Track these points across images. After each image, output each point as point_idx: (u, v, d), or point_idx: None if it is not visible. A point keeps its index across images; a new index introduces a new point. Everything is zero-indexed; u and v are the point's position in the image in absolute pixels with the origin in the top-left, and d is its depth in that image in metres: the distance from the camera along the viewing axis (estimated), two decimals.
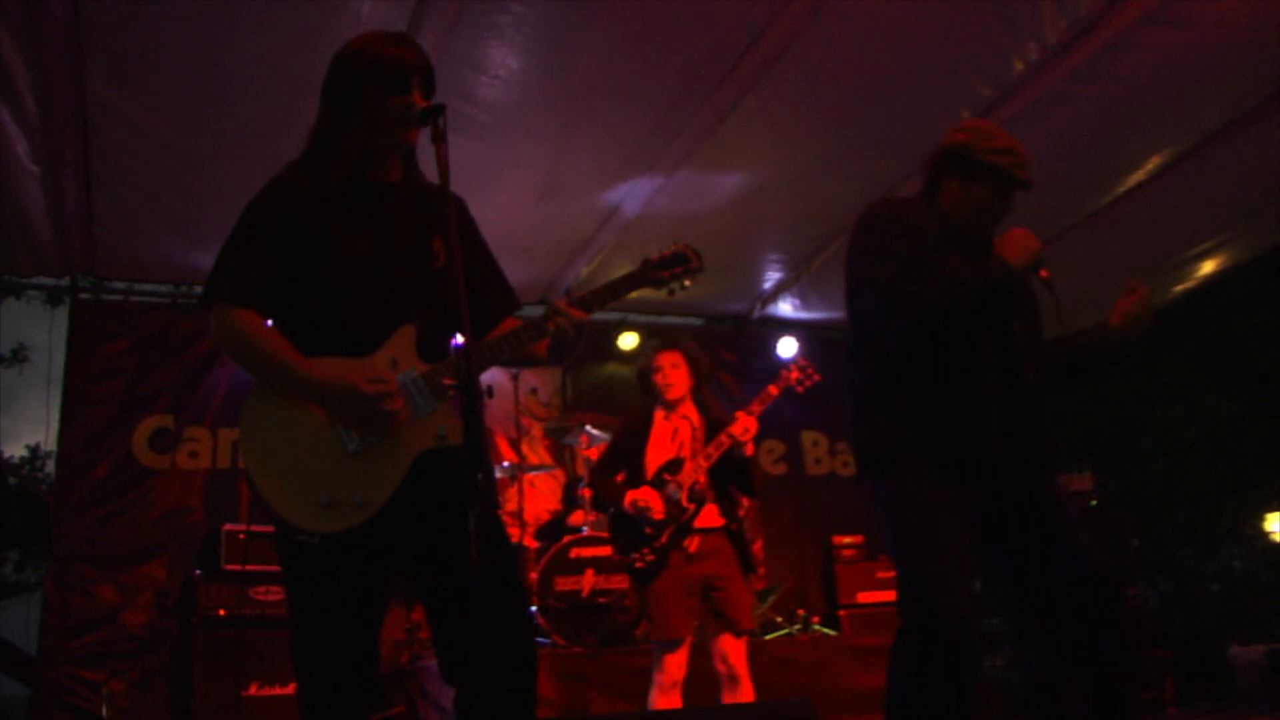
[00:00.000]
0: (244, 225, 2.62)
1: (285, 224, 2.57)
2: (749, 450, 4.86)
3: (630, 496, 4.79)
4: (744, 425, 4.79)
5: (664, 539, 4.71)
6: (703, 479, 4.81)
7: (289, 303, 2.58)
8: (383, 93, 2.57)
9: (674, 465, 4.87)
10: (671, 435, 4.98)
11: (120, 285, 7.43)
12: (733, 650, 4.65)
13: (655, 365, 5.00)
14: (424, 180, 2.76)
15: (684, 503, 4.75)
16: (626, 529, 4.83)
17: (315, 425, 2.50)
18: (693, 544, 4.72)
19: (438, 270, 2.63)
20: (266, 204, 2.62)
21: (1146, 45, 5.37)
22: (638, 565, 4.73)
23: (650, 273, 2.80)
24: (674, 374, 4.96)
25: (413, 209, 2.70)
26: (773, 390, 5.03)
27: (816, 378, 5.10)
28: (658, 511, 4.73)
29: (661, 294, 2.84)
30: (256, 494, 2.50)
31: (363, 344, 2.55)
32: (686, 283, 2.83)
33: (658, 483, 4.83)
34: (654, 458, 4.93)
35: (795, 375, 5.09)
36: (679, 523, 4.73)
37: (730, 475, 4.91)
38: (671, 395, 4.97)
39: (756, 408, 4.92)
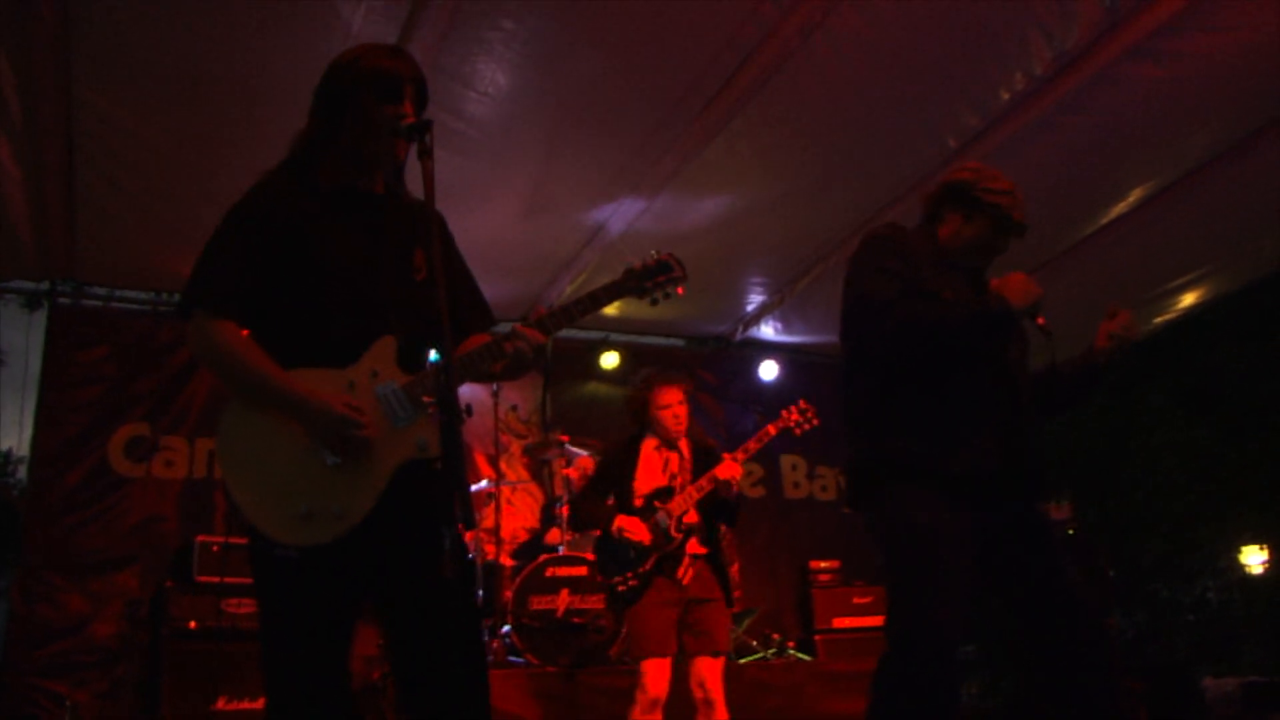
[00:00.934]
0: (225, 231, 2.58)
1: (269, 230, 2.55)
2: (734, 490, 4.86)
3: (618, 523, 4.79)
4: (730, 471, 4.80)
5: (649, 565, 4.71)
6: (693, 512, 4.81)
7: (270, 310, 2.54)
8: (376, 102, 2.56)
9: (664, 494, 4.87)
10: (663, 466, 4.98)
11: (100, 291, 7.39)
12: (709, 673, 4.65)
13: (662, 403, 4.97)
14: (407, 193, 2.76)
15: (673, 532, 4.75)
16: (611, 553, 4.83)
17: (295, 437, 2.47)
18: (687, 574, 4.73)
19: (419, 283, 2.62)
20: (250, 210, 2.59)
21: (1131, 79, 5.41)
22: (620, 589, 4.74)
23: (633, 281, 2.81)
24: (681, 413, 4.97)
25: (397, 220, 2.69)
26: (771, 430, 5.04)
27: (816, 422, 5.08)
28: (645, 539, 4.73)
29: (644, 303, 2.86)
30: (234, 506, 2.47)
31: (344, 354, 2.53)
32: (669, 292, 2.84)
33: (646, 510, 4.83)
34: (643, 483, 4.93)
35: (795, 418, 5.08)
36: (664, 551, 4.73)
37: (716, 509, 4.93)
38: (676, 434, 4.98)
39: (753, 445, 4.96)
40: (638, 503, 4.88)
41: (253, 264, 2.53)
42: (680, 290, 2.86)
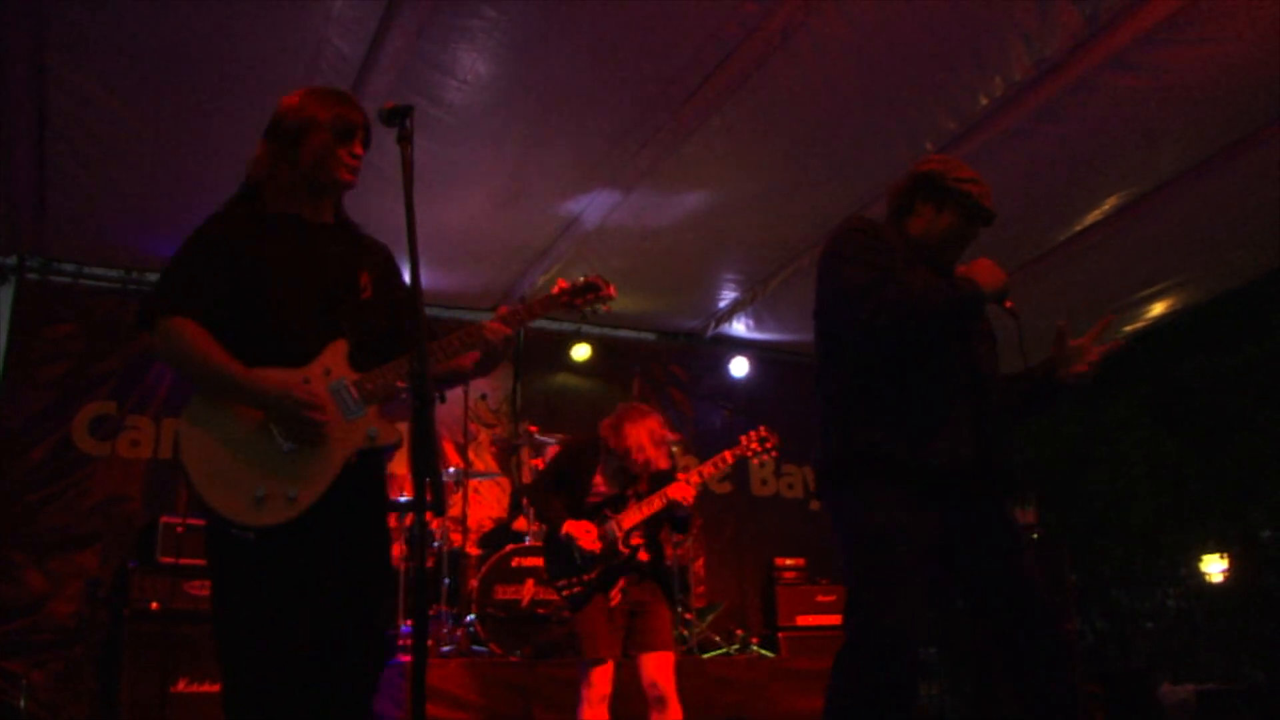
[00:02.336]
0: (185, 251, 2.76)
1: (228, 254, 2.72)
2: (686, 510, 4.85)
3: (568, 527, 4.76)
4: (682, 492, 4.77)
5: (594, 574, 4.71)
6: (638, 533, 4.80)
7: (229, 324, 2.69)
8: (332, 142, 2.79)
9: (617, 503, 4.87)
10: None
11: (69, 267, 7.31)
12: (658, 670, 4.66)
13: (623, 446, 4.81)
14: (353, 224, 3.00)
15: (620, 546, 4.75)
16: (559, 554, 4.82)
17: (254, 426, 2.63)
18: (616, 597, 4.74)
19: (364, 301, 2.86)
20: (208, 234, 2.77)
21: (1109, 88, 5.44)
22: (565, 593, 4.76)
23: (565, 298, 3.19)
24: (648, 446, 4.83)
25: (344, 247, 2.91)
26: (728, 457, 5.00)
27: (775, 453, 5.04)
28: (594, 546, 4.72)
29: (575, 317, 3.27)
30: (192, 490, 2.60)
31: (298, 356, 2.70)
32: (598, 308, 3.24)
33: (597, 516, 4.82)
34: (599, 487, 4.95)
35: (754, 446, 5.04)
36: (610, 564, 4.73)
37: (666, 521, 4.94)
38: (639, 471, 4.88)
39: (708, 471, 4.93)
40: (591, 500, 4.88)
41: (211, 278, 2.70)
42: (607, 308, 3.26)
